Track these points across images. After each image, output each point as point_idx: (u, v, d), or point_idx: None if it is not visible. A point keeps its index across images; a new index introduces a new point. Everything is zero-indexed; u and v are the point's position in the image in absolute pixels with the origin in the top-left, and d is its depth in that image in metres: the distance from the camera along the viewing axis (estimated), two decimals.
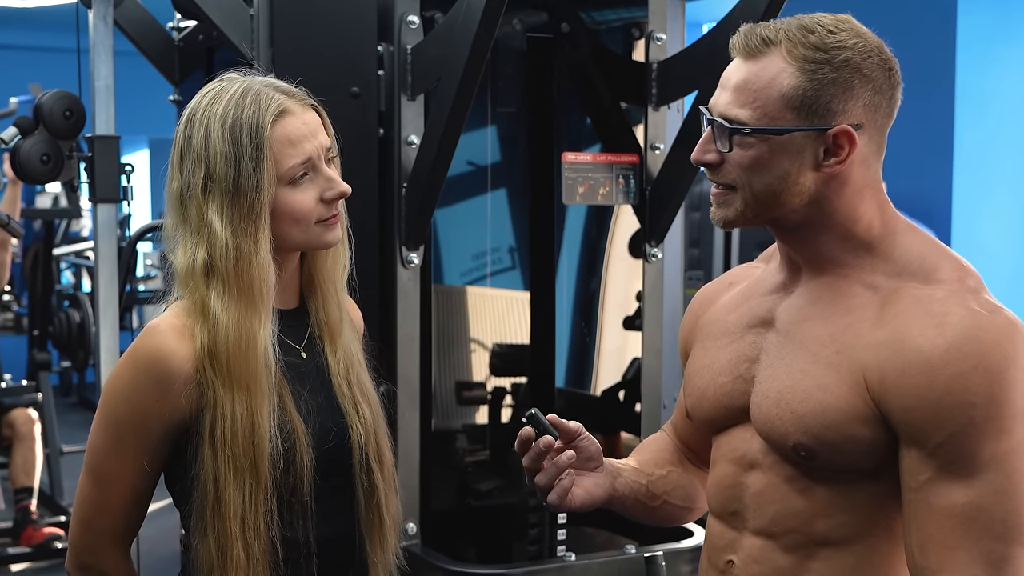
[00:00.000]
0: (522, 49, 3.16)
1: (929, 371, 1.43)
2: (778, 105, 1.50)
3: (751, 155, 1.52)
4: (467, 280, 3.31)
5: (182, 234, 1.74)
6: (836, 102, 1.49)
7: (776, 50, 1.51)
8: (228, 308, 1.69)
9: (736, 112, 1.52)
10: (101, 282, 3.09)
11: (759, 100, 1.50)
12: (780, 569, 1.59)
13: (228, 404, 1.69)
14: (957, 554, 1.43)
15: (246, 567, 1.69)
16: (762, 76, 1.51)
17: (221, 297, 1.70)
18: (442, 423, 3.25)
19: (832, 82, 1.49)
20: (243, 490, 1.68)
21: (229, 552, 1.68)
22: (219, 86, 1.75)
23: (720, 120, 1.53)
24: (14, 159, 2.91)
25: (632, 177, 3.03)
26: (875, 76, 1.52)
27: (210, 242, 1.69)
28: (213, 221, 1.69)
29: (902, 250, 1.55)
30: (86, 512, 1.78)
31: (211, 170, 1.69)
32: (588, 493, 1.73)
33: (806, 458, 1.54)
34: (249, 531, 1.68)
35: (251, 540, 1.69)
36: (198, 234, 1.71)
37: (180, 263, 1.73)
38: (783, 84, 1.50)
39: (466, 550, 3.19)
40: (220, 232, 1.69)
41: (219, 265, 1.69)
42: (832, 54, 1.49)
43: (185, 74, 3.38)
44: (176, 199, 1.74)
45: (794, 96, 1.49)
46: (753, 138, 1.51)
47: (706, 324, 1.75)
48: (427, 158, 2.66)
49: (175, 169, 1.74)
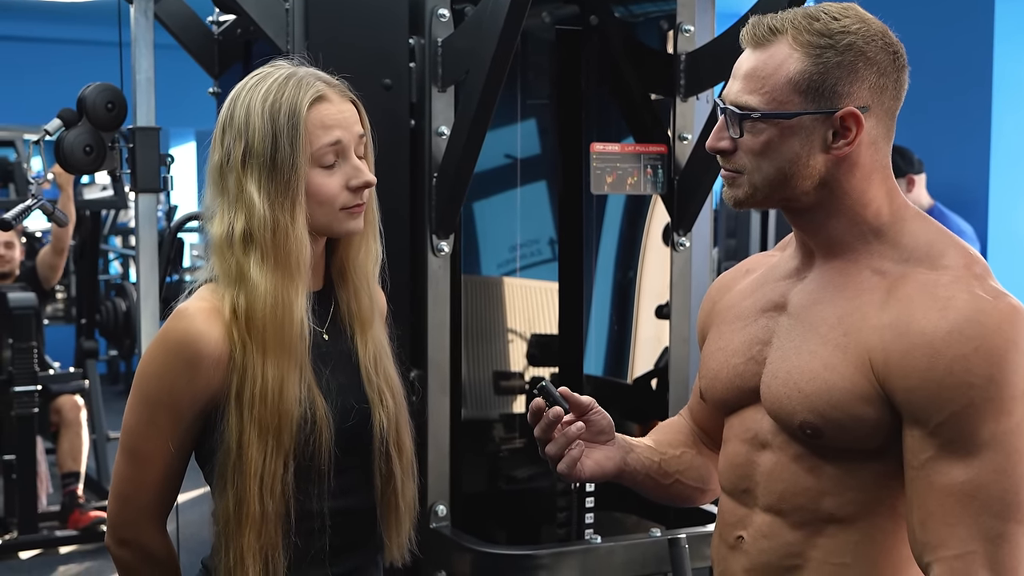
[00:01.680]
0: (551, 41, 3.20)
1: (931, 353, 1.48)
2: (786, 90, 1.55)
3: (762, 140, 1.57)
4: (502, 271, 3.36)
5: (220, 204, 1.80)
6: (842, 85, 1.54)
7: (783, 38, 1.56)
8: (266, 276, 1.76)
9: (746, 98, 1.57)
10: (142, 271, 3.16)
11: (767, 86, 1.56)
12: (788, 544, 1.64)
13: (259, 368, 1.75)
14: (956, 530, 1.47)
15: (259, 524, 1.75)
16: (770, 63, 1.56)
17: (259, 265, 1.76)
18: (476, 411, 3.30)
19: (837, 65, 1.54)
20: (264, 450, 1.74)
21: (245, 508, 1.74)
22: (266, 70, 1.83)
23: (731, 107, 1.58)
24: (58, 150, 2.99)
25: (660, 167, 3.07)
26: (879, 59, 1.56)
27: (248, 213, 1.76)
28: (252, 193, 1.76)
29: (910, 237, 1.60)
30: (123, 489, 1.84)
31: (250, 145, 1.76)
32: (598, 465, 1.78)
33: (812, 436, 1.59)
34: (266, 490, 1.74)
35: (267, 499, 1.75)
36: (236, 204, 1.78)
37: (216, 232, 1.80)
38: (790, 69, 1.55)
39: (496, 532, 3.24)
40: (258, 204, 1.75)
41: (257, 235, 1.76)
42: (836, 39, 1.54)
43: (224, 67, 3.44)
44: (216, 171, 1.81)
45: (801, 80, 1.54)
46: (763, 123, 1.56)
47: (722, 309, 1.81)
48: (457, 148, 2.71)
49: (217, 143, 1.82)
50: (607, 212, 3.46)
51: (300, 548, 1.80)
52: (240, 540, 1.75)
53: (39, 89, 8.34)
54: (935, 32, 5.18)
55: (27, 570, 5.33)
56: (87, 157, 2.98)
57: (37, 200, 2.98)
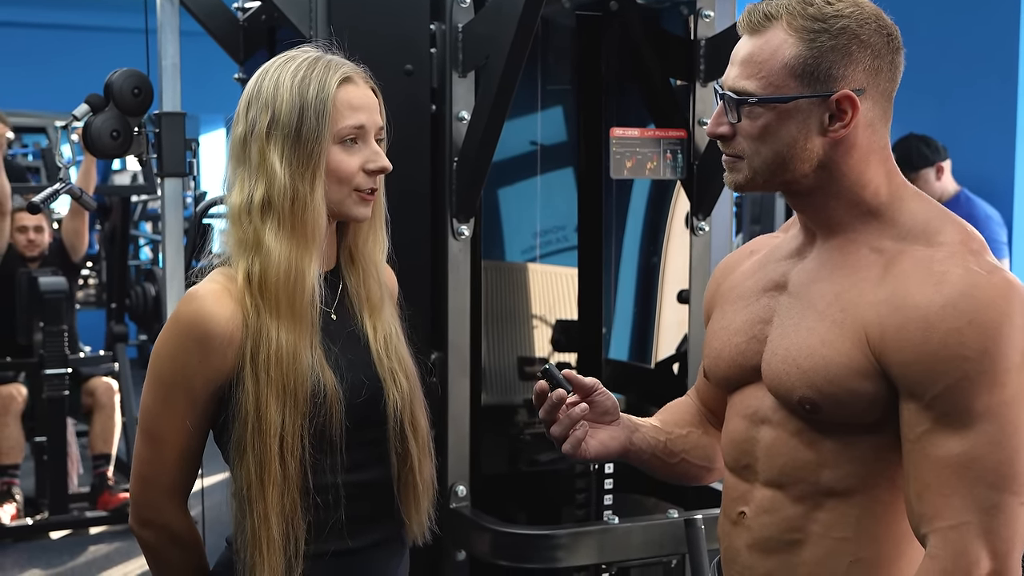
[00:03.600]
0: (572, 27, 3.22)
1: (926, 326, 1.50)
2: (782, 74, 1.58)
3: (759, 124, 1.60)
4: (525, 257, 3.38)
5: (240, 174, 1.84)
6: (836, 68, 1.57)
7: (777, 24, 1.59)
8: (281, 243, 1.79)
9: (743, 84, 1.60)
10: (168, 254, 3.21)
11: (764, 71, 1.58)
12: (789, 519, 1.67)
13: (274, 331, 1.78)
14: (952, 500, 1.49)
15: (282, 485, 1.78)
16: (765, 48, 1.59)
17: (276, 232, 1.80)
18: (499, 396, 3.33)
19: (831, 49, 1.57)
20: (283, 411, 1.77)
21: (268, 467, 1.77)
22: (295, 52, 1.88)
23: (729, 93, 1.61)
24: (86, 135, 3.03)
25: (680, 152, 3.08)
26: (874, 42, 1.58)
27: (269, 181, 1.80)
28: (273, 163, 1.79)
29: (908, 215, 1.62)
30: (143, 470, 1.88)
31: (277, 116, 1.80)
32: (602, 444, 1.82)
33: (811, 411, 1.61)
34: (287, 450, 1.78)
35: (288, 459, 1.78)
36: (258, 173, 1.81)
37: (235, 200, 1.83)
38: (785, 54, 1.57)
39: (516, 513, 3.27)
40: (279, 173, 1.79)
41: (276, 203, 1.80)
42: (830, 23, 1.57)
43: (249, 53, 3.48)
44: (239, 141, 1.84)
45: (796, 64, 1.57)
46: (761, 108, 1.59)
47: (726, 290, 1.83)
48: (477, 133, 2.74)
49: (240, 116, 1.85)
50: (632, 198, 3.48)
51: (318, 518, 1.83)
52: (264, 500, 1.78)
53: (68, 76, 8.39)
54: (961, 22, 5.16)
55: (57, 550, 5.40)
56: (114, 142, 3.02)
57: (65, 184, 3.03)
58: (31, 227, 5.85)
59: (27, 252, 5.84)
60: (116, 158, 3.22)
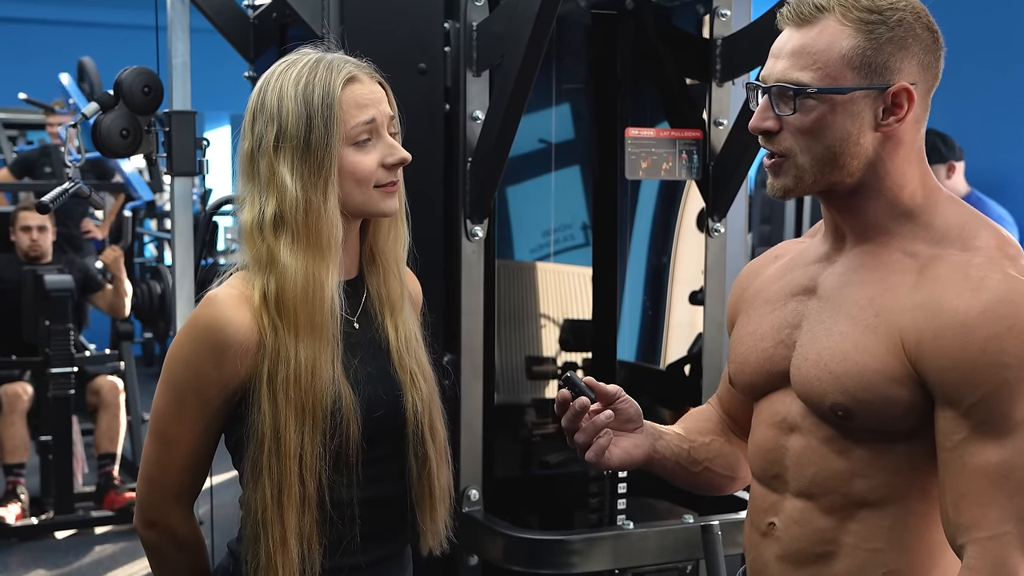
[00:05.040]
0: (587, 25, 3.19)
1: (965, 332, 1.47)
2: (839, 65, 1.54)
3: (812, 117, 1.56)
4: (535, 256, 3.35)
5: (251, 191, 1.80)
6: (894, 60, 1.54)
7: (830, 15, 1.56)
8: (297, 257, 1.75)
9: (797, 75, 1.56)
10: (177, 254, 3.18)
11: (819, 62, 1.55)
12: (820, 531, 1.63)
13: (292, 349, 1.75)
14: (990, 511, 1.46)
15: (300, 507, 1.75)
16: (820, 40, 1.55)
17: (290, 247, 1.76)
18: (510, 396, 3.30)
19: (889, 40, 1.54)
20: (303, 430, 1.74)
21: (288, 490, 1.74)
22: (294, 57, 1.83)
23: (781, 84, 1.57)
24: (95, 133, 3.00)
25: (695, 152, 3.06)
26: (924, 37, 1.56)
27: (280, 195, 1.76)
28: (284, 176, 1.75)
29: (942, 219, 1.59)
30: (151, 471, 1.85)
31: (283, 127, 1.76)
32: (626, 452, 1.79)
33: (843, 418, 1.58)
34: (307, 470, 1.74)
35: (308, 479, 1.74)
36: (268, 188, 1.77)
37: (247, 218, 1.80)
38: (843, 45, 1.54)
39: (528, 517, 3.24)
40: (290, 186, 1.75)
41: (289, 217, 1.75)
42: (886, 15, 1.54)
43: (260, 51, 3.45)
44: (247, 158, 1.81)
45: (854, 56, 1.54)
46: (815, 100, 1.55)
47: (751, 295, 1.80)
48: (491, 133, 2.71)
49: (247, 131, 1.81)
50: (640, 197, 3.45)
51: (333, 536, 1.80)
52: (282, 523, 1.74)
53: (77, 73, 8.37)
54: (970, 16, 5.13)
55: (62, 550, 5.38)
56: (123, 140, 2.99)
57: (74, 183, 2.99)
58: (35, 227, 5.82)
59: (30, 252, 5.81)
60: (126, 156, 3.19)
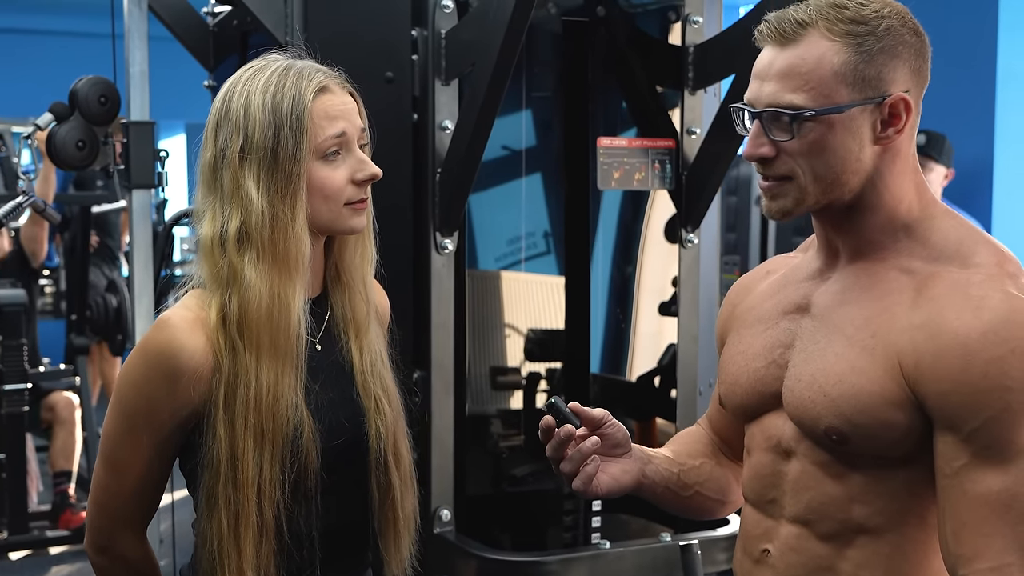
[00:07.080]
0: (557, 33, 3.13)
1: (966, 355, 1.42)
2: (832, 83, 1.49)
3: (810, 139, 1.50)
4: (502, 265, 3.30)
5: (212, 203, 1.71)
6: (887, 70, 1.49)
7: (814, 30, 1.50)
8: (261, 275, 1.67)
9: (790, 98, 1.50)
10: (136, 267, 3.10)
11: (811, 82, 1.49)
12: (817, 558, 1.58)
13: (253, 372, 1.67)
14: (992, 541, 1.41)
15: (258, 537, 1.67)
16: (808, 58, 1.49)
17: (255, 265, 1.68)
18: (477, 408, 3.24)
19: (880, 51, 1.49)
20: (261, 457, 1.67)
21: (245, 519, 1.66)
22: (262, 63, 1.75)
23: (774, 110, 1.51)
24: (50, 145, 2.92)
25: (668, 162, 3.00)
26: (912, 41, 1.52)
27: (245, 209, 1.68)
28: (249, 189, 1.67)
29: (939, 235, 1.54)
30: (100, 497, 1.78)
31: (249, 138, 1.68)
32: (615, 479, 1.71)
33: (838, 442, 1.53)
34: (265, 499, 1.67)
35: (267, 508, 1.67)
36: (231, 202, 1.69)
37: (207, 232, 1.71)
38: (833, 61, 1.48)
39: (501, 537, 3.18)
40: (256, 200, 1.67)
41: (254, 232, 1.67)
42: (873, 24, 1.49)
43: (219, 59, 3.38)
44: (209, 168, 1.72)
45: (846, 71, 1.48)
46: (812, 121, 1.50)
47: (742, 313, 1.74)
48: (461, 143, 2.64)
49: (209, 140, 1.73)
50: (603, 206, 3.40)
51: (291, 567, 1.74)
52: (240, 553, 1.67)
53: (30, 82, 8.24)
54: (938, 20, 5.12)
55: (17, 571, 5.27)
56: (79, 152, 2.92)
57: (28, 197, 2.91)
58: None
59: None
60: (82, 169, 3.10)
